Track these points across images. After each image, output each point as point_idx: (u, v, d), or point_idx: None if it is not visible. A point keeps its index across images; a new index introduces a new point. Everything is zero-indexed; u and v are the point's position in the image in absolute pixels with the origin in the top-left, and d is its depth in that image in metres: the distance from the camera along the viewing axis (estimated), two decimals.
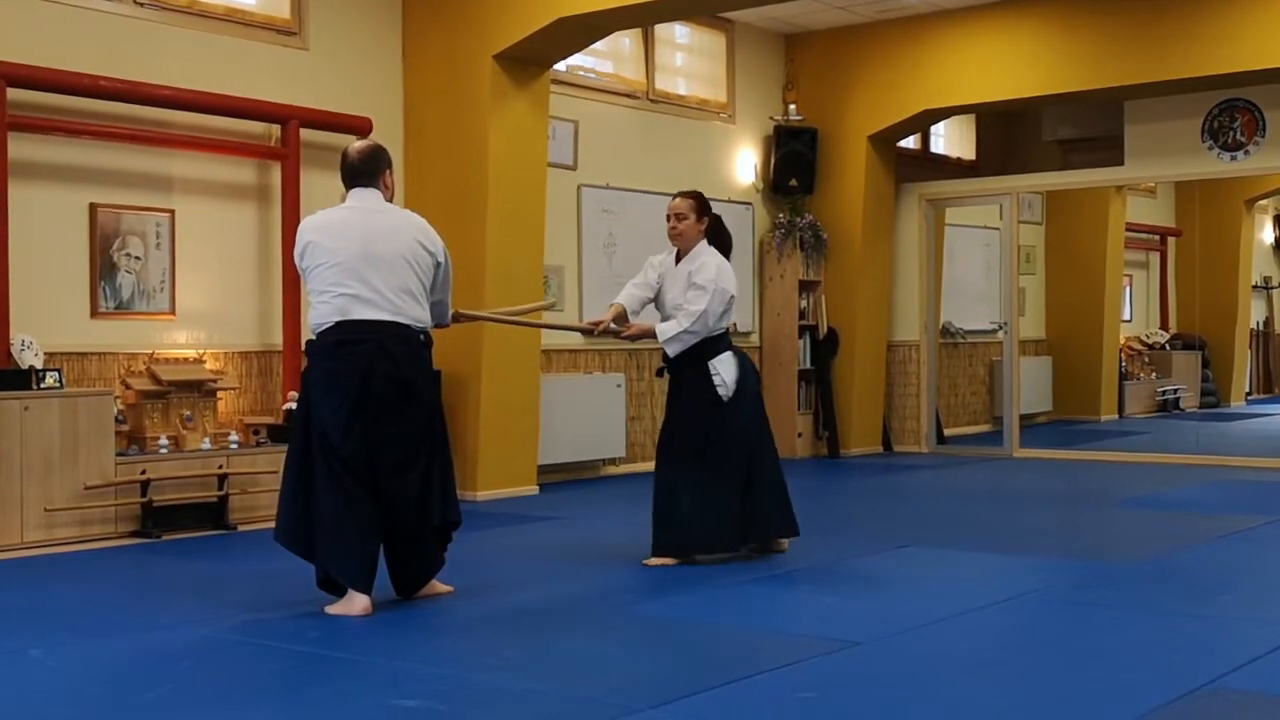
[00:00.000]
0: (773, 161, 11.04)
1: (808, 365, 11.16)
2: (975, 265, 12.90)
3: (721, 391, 5.92)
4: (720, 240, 6.13)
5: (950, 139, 13.13)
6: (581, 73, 9.66)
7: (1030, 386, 12.58)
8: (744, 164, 10.99)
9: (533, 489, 8.60)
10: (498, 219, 8.25)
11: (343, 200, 5.08)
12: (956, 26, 10.55)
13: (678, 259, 6.10)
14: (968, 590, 5.45)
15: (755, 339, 11.12)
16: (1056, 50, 10.10)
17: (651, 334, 6.02)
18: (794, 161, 11.02)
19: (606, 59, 9.89)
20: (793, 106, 11.19)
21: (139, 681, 4.08)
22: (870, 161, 11.08)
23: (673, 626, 4.84)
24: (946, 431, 11.97)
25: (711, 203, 6.27)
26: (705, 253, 6.04)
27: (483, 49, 8.20)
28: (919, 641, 4.53)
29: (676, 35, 10.51)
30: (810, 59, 11.27)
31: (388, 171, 5.10)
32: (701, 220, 6.07)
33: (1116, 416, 13.75)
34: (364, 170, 5.03)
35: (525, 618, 5.00)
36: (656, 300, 6.11)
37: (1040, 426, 12.99)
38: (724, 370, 5.95)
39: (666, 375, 6.17)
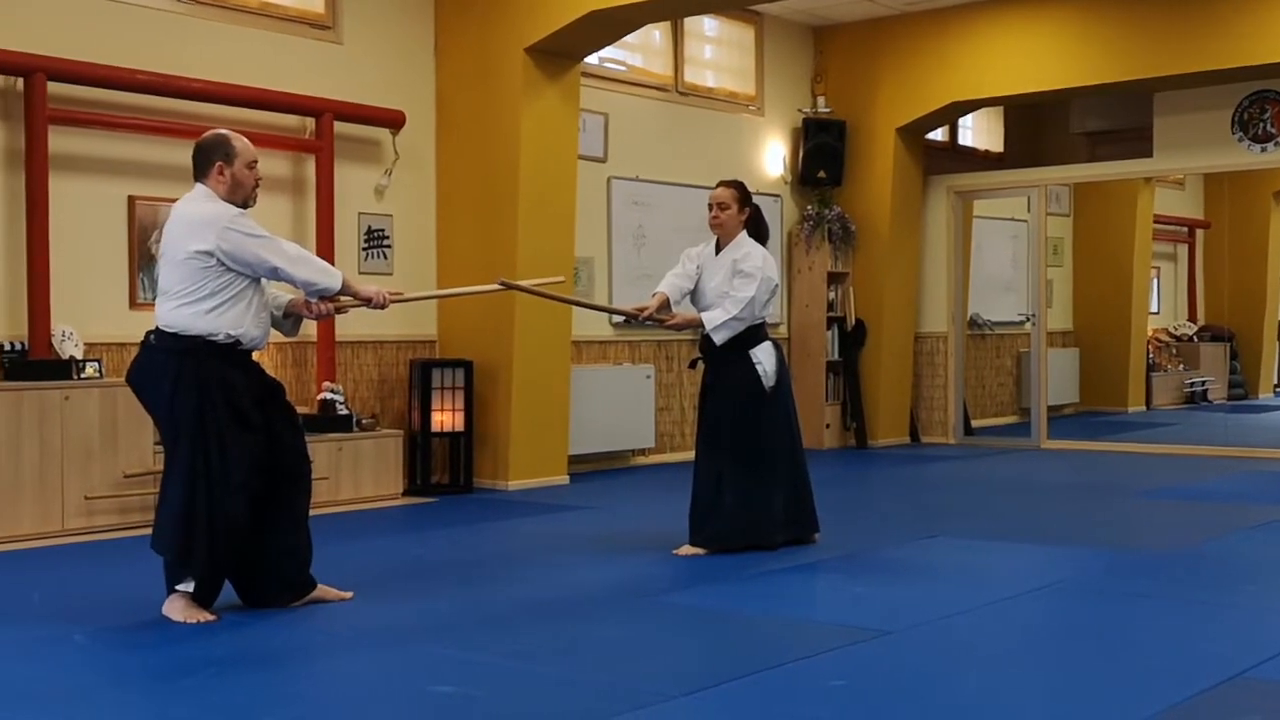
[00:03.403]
0: (801, 154, 11.08)
1: (835, 356, 11.19)
2: (1003, 257, 12.90)
3: (765, 382, 5.97)
4: (759, 231, 6.16)
5: (978, 131, 13.13)
6: (611, 66, 9.71)
7: (1057, 378, 12.56)
8: (772, 156, 11.03)
9: (563, 479, 8.67)
10: (529, 211, 8.32)
11: None
12: (985, 18, 10.55)
13: (718, 249, 6.12)
14: (997, 580, 5.49)
15: (784, 330, 11.15)
16: (1086, 42, 10.09)
17: (696, 323, 6.03)
18: (822, 154, 11.05)
19: (636, 52, 9.93)
20: (821, 99, 11.21)
21: (181, 665, 4.15)
22: (898, 154, 11.10)
23: (704, 615, 4.90)
24: (974, 423, 11.98)
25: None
26: (747, 243, 6.07)
27: (514, 42, 8.26)
28: (949, 631, 4.58)
29: (705, 28, 10.55)
30: (839, 51, 11.29)
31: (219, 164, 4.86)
32: (743, 210, 6.10)
33: (1144, 408, 13.73)
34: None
35: (558, 605, 5.06)
36: (695, 291, 6.13)
37: (1067, 418, 12.98)
38: (765, 359, 5.99)
39: (700, 367, 6.20)
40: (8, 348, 6.64)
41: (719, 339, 5.95)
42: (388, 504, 7.78)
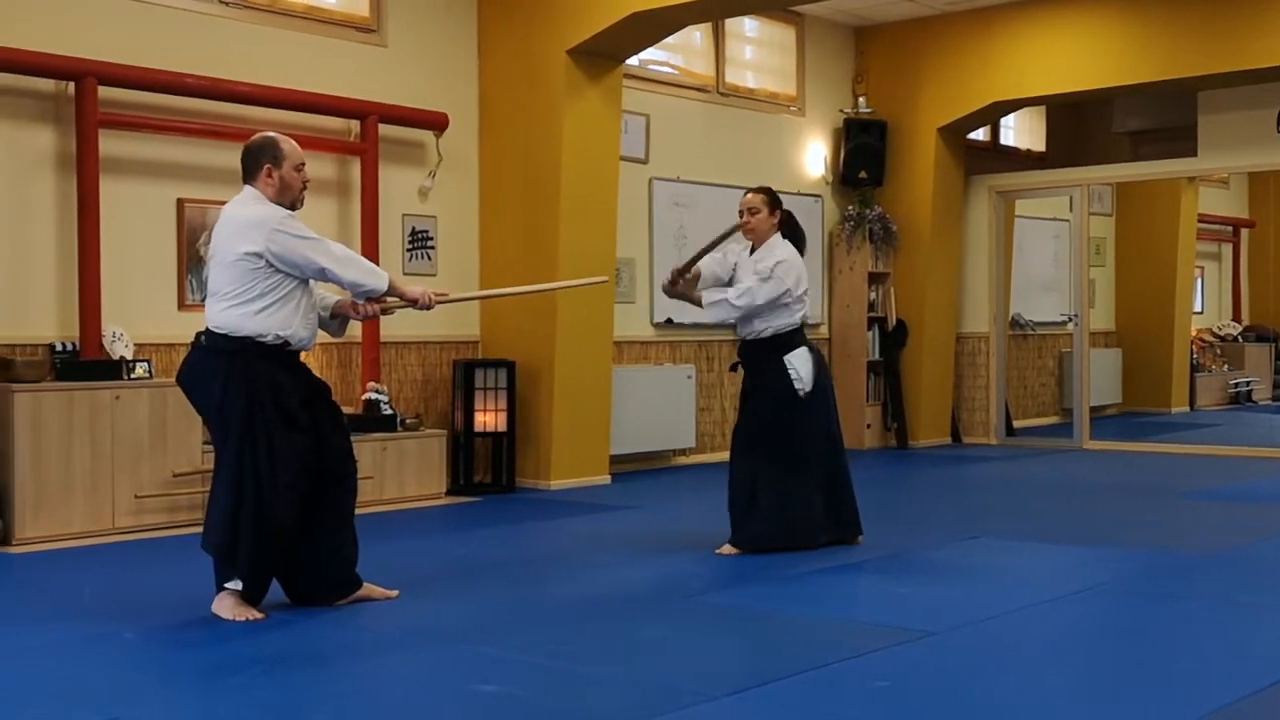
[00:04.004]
0: (842, 154, 11.07)
1: (876, 357, 11.19)
2: (1044, 257, 12.85)
3: (798, 387, 5.99)
4: (794, 236, 6.20)
5: (1020, 130, 13.07)
6: (653, 67, 9.74)
7: (1100, 378, 12.50)
8: (813, 157, 11.02)
9: (604, 478, 8.70)
10: (571, 212, 8.36)
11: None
12: (1027, 17, 10.51)
13: (751, 251, 6.18)
14: (1040, 581, 5.49)
15: (824, 330, 11.16)
16: (1128, 41, 10.03)
17: (696, 300, 6.13)
18: (863, 154, 11.04)
19: (677, 53, 9.96)
20: (862, 99, 11.21)
21: (230, 662, 4.21)
22: (940, 154, 11.07)
23: (746, 616, 4.92)
24: (1015, 423, 11.94)
25: (781, 195, 6.32)
26: (779, 245, 6.12)
27: (557, 44, 8.30)
28: (992, 632, 4.57)
29: (746, 29, 10.56)
30: (880, 51, 11.28)
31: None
32: (774, 214, 6.14)
33: (1187, 409, 13.65)
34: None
35: (600, 605, 5.09)
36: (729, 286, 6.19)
37: (1110, 418, 12.91)
38: (800, 366, 6.01)
39: (740, 370, 6.24)
40: (59, 348, 6.74)
41: (709, 317, 6.09)
42: (431, 503, 7.84)
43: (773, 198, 6.17)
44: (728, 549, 6.04)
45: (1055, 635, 4.66)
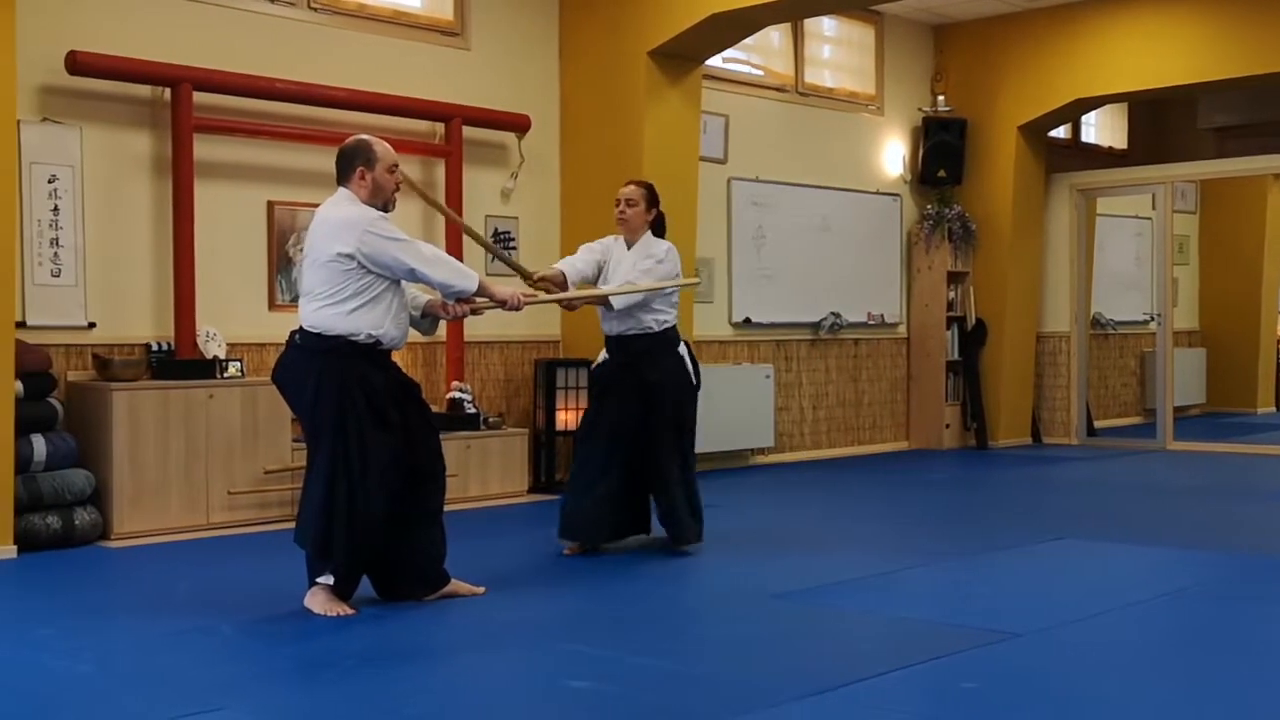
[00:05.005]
0: (921, 153, 11.03)
1: (956, 356, 11.13)
2: (1126, 255, 12.70)
3: (694, 381, 6.36)
4: (661, 233, 6.24)
5: (1101, 128, 12.94)
6: (732, 67, 9.77)
7: (1183, 378, 12.34)
8: (892, 156, 10.99)
9: None
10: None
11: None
12: (1109, 13, 10.40)
13: (629, 246, 6.18)
14: (1127, 583, 5.45)
15: (903, 330, 11.13)
16: (1214, 35, 9.89)
17: (594, 299, 6.04)
18: (942, 152, 10.99)
19: (756, 53, 9.97)
20: (941, 97, 11.15)
21: (323, 656, 4.29)
22: (1020, 152, 10.99)
23: (830, 615, 4.93)
24: (1096, 423, 11.82)
25: (860, 194, 6.32)
26: (657, 240, 6.15)
27: (638, 46, 8.36)
28: (1080, 634, 4.55)
29: (825, 28, 10.55)
30: (959, 49, 11.21)
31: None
32: (650, 211, 6.18)
33: (1274, 409, 13.43)
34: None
35: (681, 603, 5.14)
36: (598, 283, 6.16)
37: (1193, 419, 12.74)
38: (691, 359, 6.31)
39: (603, 370, 6.33)
40: (155, 348, 6.90)
41: (618, 304, 5.95)
42: (513, 501, 7.93)
43: (653, 194, 6.21)
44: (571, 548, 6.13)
45: (1144, 639, 4.63)
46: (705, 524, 6.23)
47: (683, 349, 6.23)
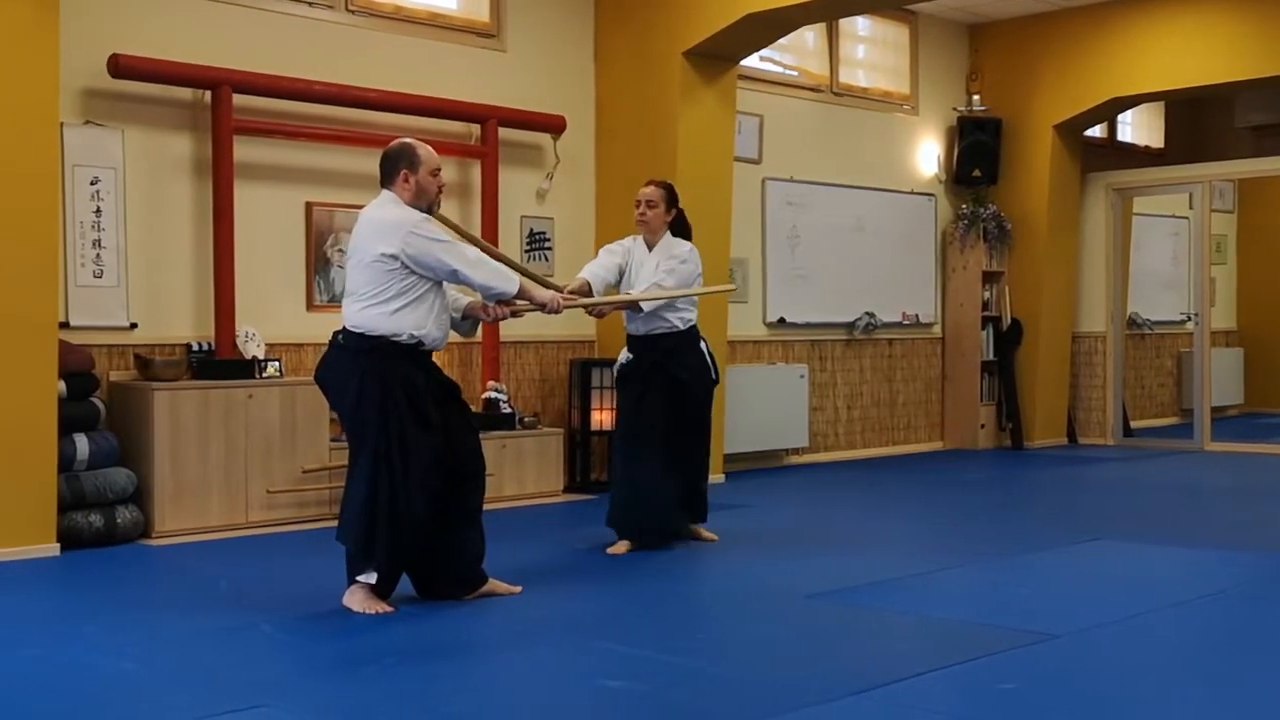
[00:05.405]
0: (956, 152, 11.00)
1: (991, 356, 11.10)
2: (1162, 255, 12.63)
3: (714, 376, 6.37)
4: (685, 235, 6.28)
5: (1138, 127, 12.87)
6: (767, 67, 9.77)
7: (1220, 378, 12.25)
8: (927, 155, 10.97)
9: (718, 477, 8.73)
10: (686, 212, 8.38)
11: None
12: (1145, 11, 10.35)
13: (650, 248, 6.22)
14: (1164, 584, 5.43)
15: (937, 330, 11.10)
16: (1251, 33, 9.83)
17: (624, 305, 6.09)
18: (978, 152, 10.96)
19: (790, 53, 9.98)
20: (976, 97, 11.12)
21: (362, 654, 4.33)
22: (1055, 151, 10.95)
23: (866, 615, 4.93)
24: (1133, 424, 11.76)
25: (895, 194, 6.33)
26: (676, 241, 6.20)
27: (672, 46, 8.38)
28: (1119, 635, 4.54)
29: (859, 28, 10.54)
30: (994, 49, 11.18)
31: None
32: (670, 211, 6.23)
33: None
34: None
35: (717, 602, 5.16)
36: (621, 286, 6.20)
37: (1231, 420, 12.66)
38: (711, 355, 6.32)
39: (630, 370, 6.42)
40: (196, 348, 6.96)
41: (648, 307, 6.03)
42: (549, 500, 7.96)
43: (672, 195, 6.24)
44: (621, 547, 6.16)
45: (1182, 641, 4.61)
46: (739, 524, 6.24)
47: (703, 345, 6.29)
